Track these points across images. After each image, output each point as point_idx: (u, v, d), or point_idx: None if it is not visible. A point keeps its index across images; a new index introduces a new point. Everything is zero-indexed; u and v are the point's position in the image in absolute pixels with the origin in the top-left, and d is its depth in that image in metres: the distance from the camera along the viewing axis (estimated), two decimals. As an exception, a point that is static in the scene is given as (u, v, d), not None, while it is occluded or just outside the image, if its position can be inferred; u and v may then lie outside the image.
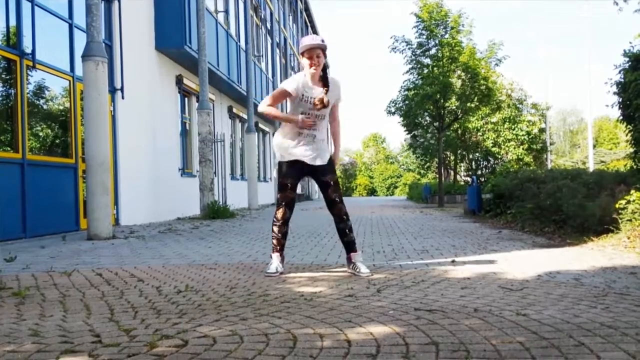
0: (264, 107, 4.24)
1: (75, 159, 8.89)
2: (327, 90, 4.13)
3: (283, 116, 4.27)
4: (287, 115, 4.21)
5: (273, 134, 24.35)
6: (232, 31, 16.71)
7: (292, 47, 30.44)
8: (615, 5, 9.36)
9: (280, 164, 4.26)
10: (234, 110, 18.57)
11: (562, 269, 4.36)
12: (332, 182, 4.22)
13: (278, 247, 4.28)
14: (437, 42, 18.20)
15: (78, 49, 8.57)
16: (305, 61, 4.11)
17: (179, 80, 13.41)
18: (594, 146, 41.79)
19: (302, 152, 4.16)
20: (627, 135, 8.09)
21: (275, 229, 4.26)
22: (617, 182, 7.53)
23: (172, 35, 12.00)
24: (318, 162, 4.19)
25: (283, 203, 4.23)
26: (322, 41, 4.09)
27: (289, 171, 4.21)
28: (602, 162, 44.39)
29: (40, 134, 8.51)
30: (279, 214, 4.24)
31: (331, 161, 4.28)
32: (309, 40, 4.11)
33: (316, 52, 4.07)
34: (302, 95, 4.11)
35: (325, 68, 4.18)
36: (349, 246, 4.27)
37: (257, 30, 21.22)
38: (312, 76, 4.13)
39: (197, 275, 4.26)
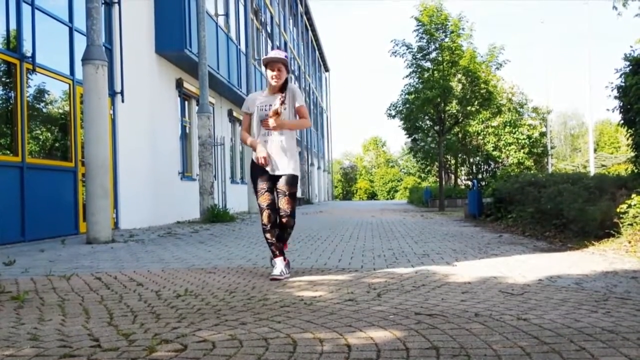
0: (241, 137, 4.49)
1: (75, 163, 8.88)
2: (283, 98, 4.20)
3: (250, 143, 4.35)
4: (250, 141, 4.34)
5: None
6: (233, 35, 16.73)
7: (292, 51, 30.48)
8: (615, 10, 9.35)
9: (250, 169, 4.38)
10: (234, 113, 18.57)
11: (563, 273, 4.35)
12: (285, 194, 4.23)
13: (277, 252, 4.28)
14: (437, 45, 18.22)
15: (78, 53, 8.58)
16: (268, 72, 4.30)
17: (179, 84, 13.42)
18: (595, 150, 41.77)
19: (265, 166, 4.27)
20: (628, 139, 8.08)
21: (268, 235, 4.27)
22: (618, 186, 7.52)
23: (172, 38, 12.01)
24: (276, 172, 4.25)
25: (264, 206, 4.24)
26: (285, 57, 4.30)
27: (258, 175, 4.28)
28: (603, 166, 44.38)
29: (40, 137, 8.51)
30: (265, 218, 4.23)
31: (289, 175, 4.25)
32: (272, 53, 4.34)
33: (277, 66, 4.25)
34: (258, 106, 4.29)
35: (286, 81, 4.34)
36: (278, 251, 4.30)
37: (257, 34, 21.25)
38: (272, 88, 4.32)
39: (196, 279, 4.25)
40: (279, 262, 4.25)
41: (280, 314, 2.93)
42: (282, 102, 4.16)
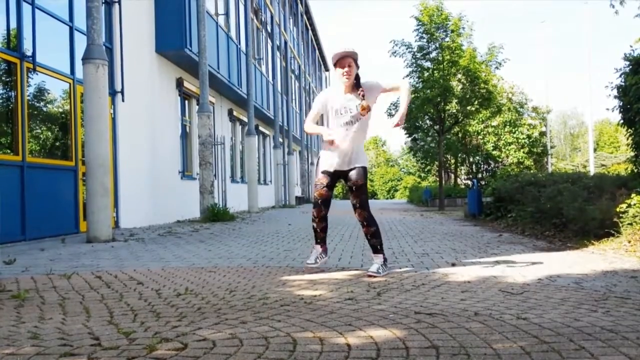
0: (305, 127, 4.58)
1: (75, 162, 8.89)
2: (363, 94, 4.21)
3: (317, 130, 4.48)
4: (318, 128, 4.45)
5: (273, 137, 24.38)
6: (233, 34, 16.72)
7: (292, 50, 30.47)
8: (612, 8, 9.31)
9: (321, 161, 4.46)
10: (234, 113, 18.58)
11: (563, 272, 4.35)
12: (353, 187, 4.37)
13: (319, 240, 4.48)
14: (437, 45, 18.21)
15: (78, 52, 8.58)
16: (338, 71, 4.22)
17: (179, 83, 13.42)
18: (595, 150, 41.77)
19: (336, 162, 4.35)
20: (627, 138, 8.08)
21: (315, 224, 4.44)
22: (617, 186, 7.52)
23: (173, 38, 12.02)
24: (345, 167, 4.36)
25: (318, 200, 4.39)
26: (354, 50, 4.20)
27: (324, 170, 4.39)
28: (603, 165, 44.39)
29: (41, 136, 8.51)
30: (316, 212, 4.41)
31: (359, 167, 4.38)
32: (340, 49, 4.22)
33: (347, 61, 4.18)
34: (337, 109, 4.27)
35: (357, 77, 4.27)
36: (372, 249, 4.44)
37: (257, 33, 21.24)
38: (345, 87, 4.26)
39: (196, 278, 4.25)
40: (317, 249, 4.46)
41: (280, 313, 2.94)
42: (363, 97, 4.20)
